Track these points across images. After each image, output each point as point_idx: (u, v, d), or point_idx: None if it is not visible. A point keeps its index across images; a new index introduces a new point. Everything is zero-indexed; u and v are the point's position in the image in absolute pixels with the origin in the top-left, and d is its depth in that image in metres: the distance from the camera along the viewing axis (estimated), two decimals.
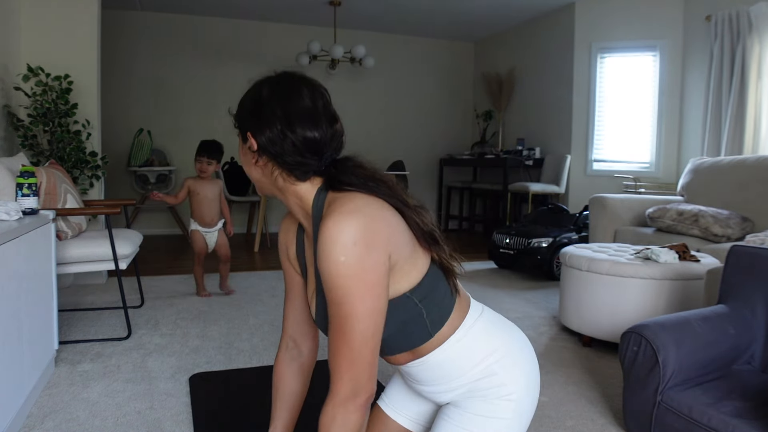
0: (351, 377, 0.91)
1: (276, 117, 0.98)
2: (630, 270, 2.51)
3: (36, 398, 1.97)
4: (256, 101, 1.03)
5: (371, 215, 0.93)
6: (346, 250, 0.88)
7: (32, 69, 3.45)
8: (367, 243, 0.89)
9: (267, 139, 0.99)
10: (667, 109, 5.09)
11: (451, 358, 1.06)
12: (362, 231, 0.90)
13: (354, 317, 0.90)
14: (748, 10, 4.20)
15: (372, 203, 0.96)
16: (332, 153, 1.03)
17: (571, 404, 2.05)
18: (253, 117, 1.01)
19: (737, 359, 1.78)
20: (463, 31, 6.93)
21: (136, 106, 6.16)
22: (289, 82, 1.02)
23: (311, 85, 1.04)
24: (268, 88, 1.02)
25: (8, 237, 1.64)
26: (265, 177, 1.04)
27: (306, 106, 1.00)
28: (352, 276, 0.89)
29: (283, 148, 0.99)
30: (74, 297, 3.40)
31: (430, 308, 1.03)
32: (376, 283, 0.91)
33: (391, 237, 0.95)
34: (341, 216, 0.90)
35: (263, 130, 0.99)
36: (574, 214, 4.59)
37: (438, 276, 1.05)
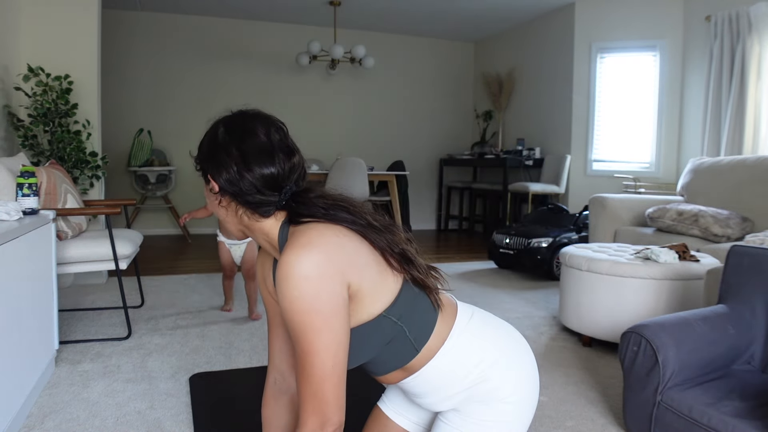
0: (315, 410, 0.91)
1: (232, 157, 0.99)
2: (630, 270, 2.51)
3: (36, 398, 1.97)
4: (212, 143, 1.04)
5: (324, 247, 0.92)
6: (299, 285, 0.88)
7: (32, 69, 3.45)
8: (320, 275, 0.89)
9: (225, 180, 1.00)
10: (667, 109, 5.09)
11: (444, 369, 1.05)
12: (314, 264, 0.89)
13: (312, 353, 0.90)
14: (748, 10, 4.20)
15: (327, 233, 0.95)
16: (292, 186, 1.02)
17: (571, 404, 2.05)
18: (211, 159, 1.02)
19: (737, 359, 1.78)
20: (463, 31, 6.94)
21: (136, 106, 6.16)
22: (242, 120, 1.03)
23: (266, 120, 1.04)
24: (223, 128, 1.03)
25: (8, 237, 1.64)
26: (231, 216, 1.05)
27: (261, 143, 1.00)
28: (307, 311, 0.89)
29: (241, 187, 0.99)
30: (74, 297, 3.40)
31: (411, 324, 1.02)
32: (331, 316, 0.90)
33: (350, 265, 0.94)
34: (293, 251, 0.91)
35: (221, 171, 1.00)
36: (574, 214, 4.59)
37: (415, 293, 1.03)
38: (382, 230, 1.02)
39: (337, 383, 0.92)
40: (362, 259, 0.97)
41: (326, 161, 6.34)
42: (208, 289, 3.71)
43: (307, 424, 0.91)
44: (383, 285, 0.99)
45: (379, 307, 0.98)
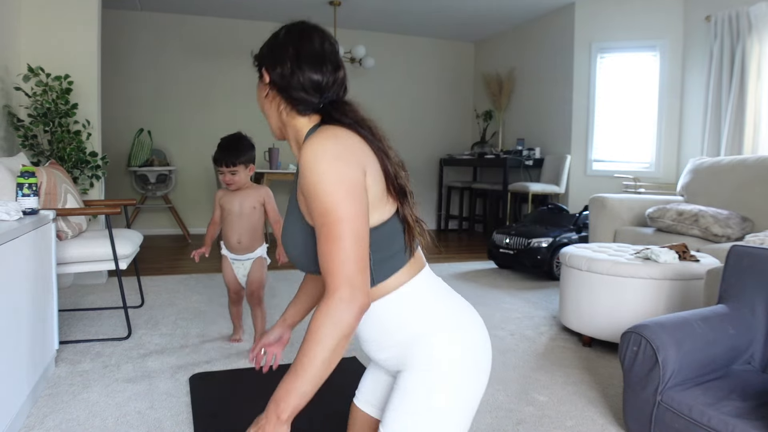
0: (346, 277, 0.92)
1: (288, 56, 1.12)
2: (630, 270, 2.51)
3: (36, 398, 1.97)
4: (273, 41, 1.17)
5: (349, 141, 1.01)
6: (327, 162, 0.95)
7: (32, 69, 3.45)
8: (346, 159, 0.97)
9: (277, 74, 1.12)
10: (667, 109, 5.09)
11: (390, 313, 1.06)
12: (341, 148, 0.98)
13: (343, 220, 0.93)
14: (748, 11, 4.21)
15: (354, 137, 1.04)
16: (332, 95, 1.13)
17: (571, 404, 2.05)
18: (269, 54, 1.16)
19: (737, 359, 1.78)
20: (463, 31, 6.94)
21: (136, 106, 6.16)
22: (303, 27, 1.19)
23: (323, 33, 1.18)
24: (285, 31, 1.18)
25: (8, 237, 1.64)
26: (273, 110, 1.16)
27: (314, 50, 1.13)
28: (335, 182, 0.94)
29: (289, 83, 1.11)
30: (74, 297, 3.40)
31: (379, 255, 1.04)
32: (355, 190, 0.95)
33: (367, 166, 1.01)
34: (319, 138, 1.00)
35: (275, 66, 1.12)
36: (574, 214, 4.59)
37: (397, 230, 1.07)
38: (393, 161, 1.09)
39: (366, 253, 0.94)
40: (375, 171, 1.02)
41: None
42: (207, 289, 3.71)
43: (336, 293, 0.91)
44: (379, 205, 1.03)
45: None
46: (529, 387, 2.20)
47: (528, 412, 1.97)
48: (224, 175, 2.47)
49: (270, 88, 1.13)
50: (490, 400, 2.07)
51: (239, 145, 2.47)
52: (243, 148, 2.47)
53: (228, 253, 2.61)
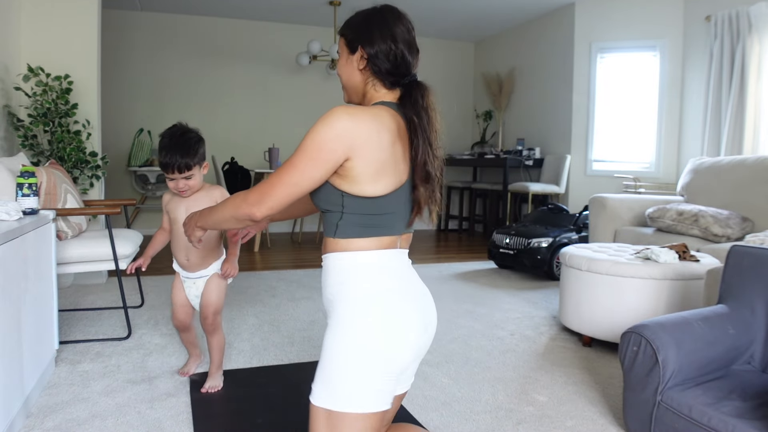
0: (263, 191, 1.15)
1: (386, 35, 1.27)
2: (630, 270, 2.51)
3: (36, 398, 1.97)
4: (370, 20, 1.31)
5: (360, 122, 1.14)
6: (326, 123, 1.13)
7: (32, 69, 3.45)
8: (337, 134, 1.12)
9: (376, 50, 1.27)
10: (667, 109, 5.09)
11: (338, 267, 1.22)
12: (340, 122, 1.13)
13: (291, 163, 1.14)
14: (748, 10, 4.21)
15: (386, 119, 1.18)
16: (414, 75, 1.32)
17: (571, 404, 2.05)
18: (367, 32, 1.29)
19: (737, 359, 1.78)
20: (463, 31, 6.94)
21: (136, 106, 6.16)
22: (398, 12, 1.32)
23: (409, 20, 1.33)
24: (380, 12, 1.31)
25: (8, 237, 1.65)
26: (359, 83, 1.31)
27: (406, 34, 1.30)
28: (310, 139, 1.13)
29: (386, 59, 1.27)
30: (74, 297, 3.40)
31: (348, 217, 1.20)
32: (317, 158, 1.12)
33: (364, 149, 1.13)
34: (345, 107, 1.16)
35: (374, 43, 1.27)
36: (574, 214, 4.59)
37: (391, 206, 1.20)
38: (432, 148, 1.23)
39: (287, 194, 1.15)
40: (377, 154, 1.15)
41: None
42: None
43: (250, 194, 1.17)
44: (363, 185, 1.16)
45: (349, 188, 1.17)
46: (529, 387, 2.20)
47: (528, 412, 1.97)
48: (176, 182, 1.96)
49: (366, 63, 1.28)
50: (490, 400, 2.07)
51: (190, 142, 1.97)
52: (194, 143, 1.97)
53: (179, 270, 2.13)
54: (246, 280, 3.99)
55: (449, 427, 1.84)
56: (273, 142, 6.19)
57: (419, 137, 1.21)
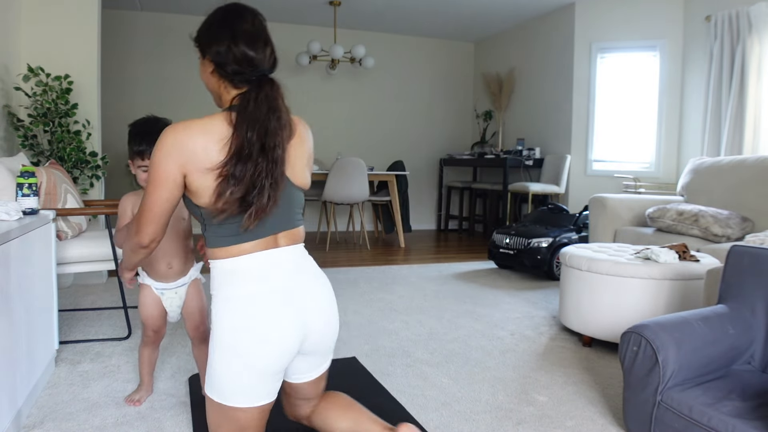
0: (137, 220, 1.29)
1: (226, 35, 1.27)
2: (630, 270, 2.51)
3: (36, 398, 1.97)
4: (210, 22, 1.33)
5: (192, 140, 1.20)
6: (156, 145, 1.23)
7: (32, 69, 3.45)
8: (165, 153, 1.20)
9: (214, 52, 1.28)
10: (667, 109, 5.09)
11: (212, 272, 1.33)
12: (170, 143, 1.20)
13: (146, 190, 1.26)
14: (748, 11, 4.21)
15: (218, 128, 1.22)
16: (267, 70, 1.30)
17: (571, 404, 2.05)
18: (208, 34, 1.31)
19: (737, 359, 1.78)
20: (463, 31, 6.94)
21: (136, 106, 6.15)
22: (236, 7, 1.32)
23: (254, 11, 1.33)
24: (221, 12, 1.32)
25: (8, 237, 1.64)
26: (212, 84, 1.35)
27: (247, 28, 1.28)
28: (151, 164, 1.24)
29: (226, 59, 1.27)
30: (74, 297, 3.40)
31: (211, 229, 1.30)
32: (160, 180, 1.22)
33: (193, 165, 1.20)
34: (176, 124, 1.23)
35: (212, 44, 1.28)
36: (574, 214, 4.59)
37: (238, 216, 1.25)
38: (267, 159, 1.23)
39: (152, 217, 1.27)
40: (208, 166, 1.20)
41: (326, 161, 6.34)
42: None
43: (132, 223, 1.35)
44: (208, 196, 1.22)
45: (197, 202, 1.25)
46: (529, 387, 2.20)
47: (528, 412, 1.97)
48: (141, 165, 1.90)
49: (213, 66, 1.29)
50: (490, 400, 2.07)
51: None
52: None
53: (152, 282, 1.91)
54: None
55: (449, 427, 1.84)
56: None
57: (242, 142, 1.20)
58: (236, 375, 1.25)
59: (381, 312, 3.25)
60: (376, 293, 3.70)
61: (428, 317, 3.17)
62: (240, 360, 1.24)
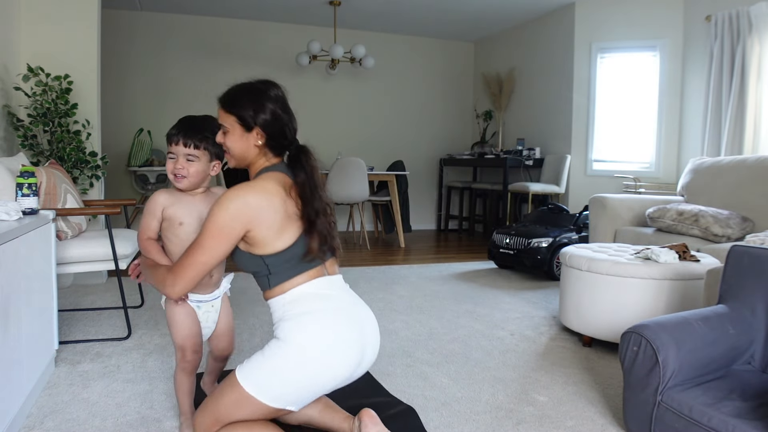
0: (177, 273, 1.40)
1: (279, 112, 1.44)
2: (630, 270, 2.51)
3: (36, 398, 1.97)
4: (260, 97, 1.44)
5: (257, 200, 1.35)
6: (221, 207, 1.36)
7: (32, 69, 3.45)
8: (232, 216, 1.34)
9: (264, 120, 1.43)
10: (667, 109, 5.09)
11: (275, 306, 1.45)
12: (235, 206, 1.35)
13: (199, 245, 1.37)
14: (748, 10, 4.20)
15: (272, 186, 1.39)
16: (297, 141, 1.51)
17: (571, 404, 2.05)
18: (262, 110, 1.43)
19: (737, 359, 1.78)
20: (463, 31, 6.93)
21: (136, 106, 6.16)
22: (276, 85, 1.49)
23: (280, 86, 1.50)
24: (264, 85, 1.46)
25: (8, 237, 1.64)
26: (247, 149, 1.46)
27: (288, 104, 1.49)
28: (211, 223, 1.35)
29: (275, 129, 1.44)
30: (74, 297, 3.40)
31: (275, 270, 1.42)
32: (219, 238, 1.35)
33: (260, 219, 1.35)
34: (238, 189, 1.37)
35: (271, 122, 1.43)
36: (574, 214, 4.59)
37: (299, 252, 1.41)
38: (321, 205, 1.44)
39: (197, 273, 1.40)
40: (270, 221, 1.36)
41: (326, 161, 6.34)
42: None
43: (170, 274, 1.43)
44: (272, 244, 1.38)
45: (260, 252, 1.40)
46: (529, 387, 2.20)
47: (528, 412, 1.97)
48: (175, 161, 1.62)
49: (264, 139, 1.44)
50: (490, 400, 2.07)
51: (208, 125, 1.63)
52: (213, 128, 1.59)
53: (191, 294, 1.68)
54: (246, 281, 3.98)
55: (449, 427, 1.84)
56: None
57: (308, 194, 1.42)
58: (292, 385, 1.36)
59: (381, 312, 3.24)
60: (376, 293, 3.70)
61: (428, 317, 3.16)
62: (303, 373, 1.35)
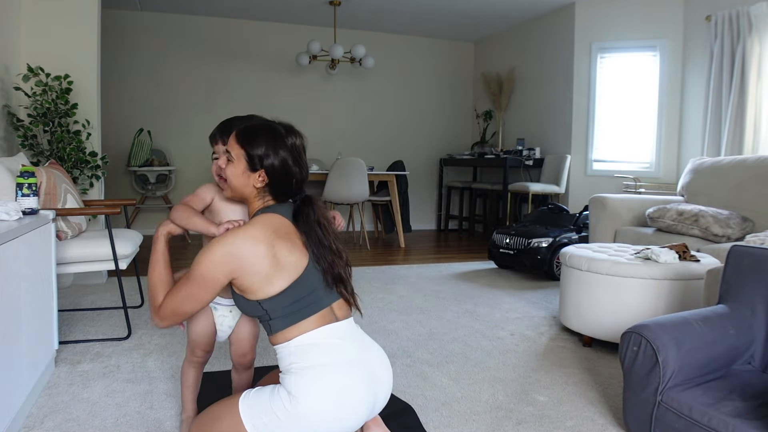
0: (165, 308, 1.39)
1: (289, 161, 1.38)
2: (630, 270, 2.51)
3: (36, 398, 1.97)
4: (274, 143, 1.38)
5: (241, 249, 1.30)
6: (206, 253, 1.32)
7: (32, 69, 3.45)
8: (215, 264, 1.31)
9: (278, 175, 1.38)
10: (667, 109, 5.09)
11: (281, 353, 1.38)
12: (220, 254, 1.31)
13: (186, 291, 1.35)
14: (748, 10, 4.20)
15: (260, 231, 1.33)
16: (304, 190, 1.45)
17: (571, 404, 2.05)
18: (273, 155, 1.37)
19: (737, 359, 1.78)
20: (463, 31, 6.94)
21: (136, 106, 6.16)
22: (298, 134, 1.43)
23: (302, 135, 1.44)
24: (286, 130, 1.41)
25: (8, 237, 1.64)
26: (248, 191, 1.42)
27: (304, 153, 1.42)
28: (196, 271, 1.33)
29: (282, 175, 1.39)
30: (74, 297, 3.40)
31: (276, 316, 1.36)
32: (204, 285, 1.33)
33: (244, 268, 1.31)
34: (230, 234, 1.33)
35: (280, 169, 1.37)
36: (574, 214, 4.59)
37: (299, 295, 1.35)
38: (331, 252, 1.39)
39: (181, 313, 1.38)
40: (256, 268, 1.31)
41: (326, 161, 6.34)
42: None
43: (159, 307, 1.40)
44: (263, 290, 1.33)
45: (254, 297, 1.35)
46: (529, 387, 2.20)
47: (528, 412, 1.97)
48: (218, 161, 1.52)
49: (266, 183, 1.38)
50: (490, 400, 2.07)
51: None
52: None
53: None
54: None
55: (449, 427, 1.84)
56: None
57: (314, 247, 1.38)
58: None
59: (381, 312, 3.25)
60: (376, 293, 3.70)
61: (428, 317, 3.16)
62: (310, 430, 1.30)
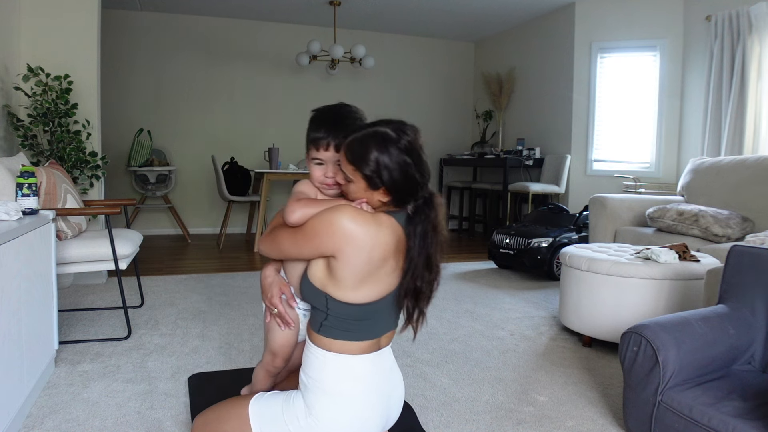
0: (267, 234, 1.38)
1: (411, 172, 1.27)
2: (630, 270, 2.51)
3: (36, 398, 1.97)
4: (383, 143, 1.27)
5: (362, 237, 1.20)
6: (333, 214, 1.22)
7: (32, 69, 3.45)
8: (333, 231, 1.20)
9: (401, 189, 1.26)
10: (667, 109, 5.09)
11: (313, 357, 1.30)
12: (340, 226, 1.20)
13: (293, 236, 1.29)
14: (748, 10, 4.20)
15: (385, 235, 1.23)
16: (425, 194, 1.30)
17: (571, 404, 2.05)
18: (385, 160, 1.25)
19: (737, 359, 1.78)
20: (463, 31, 6.93)
21: (136, 106, 6.16)
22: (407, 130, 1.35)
23: (415, 129, 1.38)
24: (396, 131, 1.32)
25: (8, 237, 1.64)
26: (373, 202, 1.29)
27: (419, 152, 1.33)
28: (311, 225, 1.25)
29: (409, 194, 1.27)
30: (74, 297, 3.40)
31: (333, 319, 1.27)
32: (310, 241, 1.24)
33: (351, 256, 1.20)
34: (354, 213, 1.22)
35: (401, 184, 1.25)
36: (574, 214, 4.59)
37: (365, 316, 1.27)
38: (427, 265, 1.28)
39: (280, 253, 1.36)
40: (361, 267, 1.22)
41: None
42: (207, 289, 3.71)
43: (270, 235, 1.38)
44: (346, 289, 1.24)
45: (330, 291, 1.25)
46: (529, 387, 2.20)
47: (528, 412, 1.97)
48: (325, 167, 1.39)
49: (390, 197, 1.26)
50: (490, 400, 2.07)
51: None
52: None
53: (299, 302, 1.50)
54: (246, 280, 3.99)
55: (449, 427, 1.84)
56: (273, 142, 6.19)
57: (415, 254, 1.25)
58: None
59: None
60: None
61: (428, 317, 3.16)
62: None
